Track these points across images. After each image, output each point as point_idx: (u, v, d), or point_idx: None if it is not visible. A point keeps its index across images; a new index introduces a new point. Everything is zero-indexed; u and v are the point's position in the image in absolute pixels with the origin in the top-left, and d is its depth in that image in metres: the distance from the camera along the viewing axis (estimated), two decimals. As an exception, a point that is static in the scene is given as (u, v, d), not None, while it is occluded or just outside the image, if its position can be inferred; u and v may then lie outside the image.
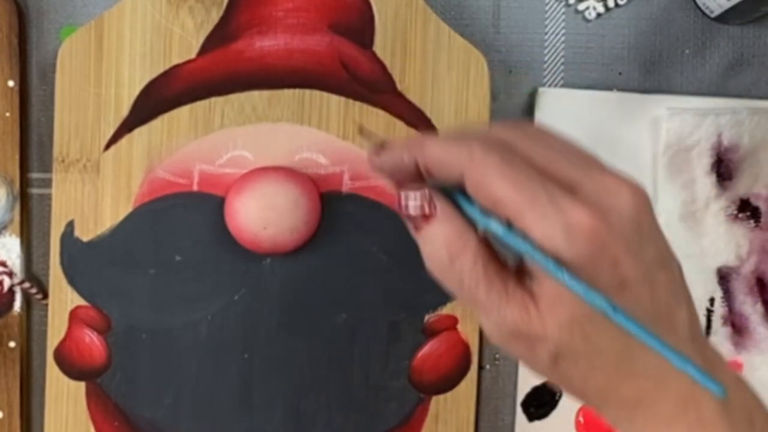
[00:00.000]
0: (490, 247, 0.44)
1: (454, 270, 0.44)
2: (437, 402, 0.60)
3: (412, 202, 0.44)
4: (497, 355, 0.61)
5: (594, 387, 0.45)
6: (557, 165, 0.43)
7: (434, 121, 0.59)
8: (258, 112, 0.59)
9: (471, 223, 0.44)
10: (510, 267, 0.44)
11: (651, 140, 0.61)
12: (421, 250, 0.45)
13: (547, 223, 0.41)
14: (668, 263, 0.43)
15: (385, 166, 0.45)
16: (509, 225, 0.42)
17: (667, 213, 0.60)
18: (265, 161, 0.59)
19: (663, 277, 0.43)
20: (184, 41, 0.59)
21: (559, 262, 0.41)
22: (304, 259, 0.59)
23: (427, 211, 0.44)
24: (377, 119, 0.59)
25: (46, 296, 0.60)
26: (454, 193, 0.44)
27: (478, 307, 0.45)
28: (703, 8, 0.60)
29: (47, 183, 0.60)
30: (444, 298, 0.60)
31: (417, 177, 0.45)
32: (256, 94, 0.59)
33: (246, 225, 0.57)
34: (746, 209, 0.62)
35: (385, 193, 0.58)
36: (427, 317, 0.60)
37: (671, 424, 0.45)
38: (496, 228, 0.42)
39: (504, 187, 0.42)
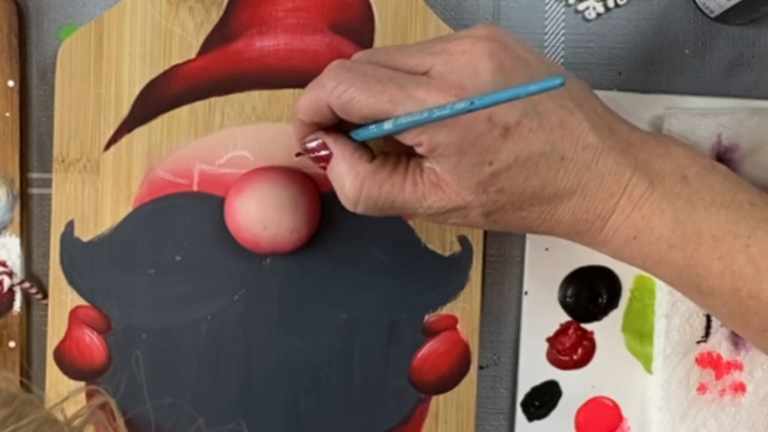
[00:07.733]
0: (386, 162, 0.48)
1: (365, 193, 0.48)
2: (437, 402, 0.60)
3: (310, 145, 0.50)
4: (497, 355, 0.61)
5: (532, 217, 0.48)
6: (408, 58, 0.47)
7: (434, 121, 0.59)
8: (258, 112, 0.59)
9: (368, 149, 0.49)
10: (406, 167, 0.48)
11: (651, 140, 0.61)
12: (336, 189, 0.50)
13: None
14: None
15: (307, 142, 0.51)
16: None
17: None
18: (265, 161, 0.59)
19: (545, 99, 0.46)
20: (184, 41, 0.59)
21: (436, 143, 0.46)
22: (304, 259, 0.59)
23: (325, 152, 0.50)
24: (377, 119, 0.59)
25: (46, 296, 0.60)
26: (349, 132, 0.49)
27: (405, 211, 0.49)
28: (703, 8, 0.60)
29: (47, 183, 0.60)
30: (444, 298, 0.60)
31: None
32: (256, 94, 0.59)
33: (246, 225, 0.57)
34: (746, 209, 0.61)
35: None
36: (426, 317, 0.60)
37: (608, 210, 0.48)
38: (387, 126, 0.46)
39: (363, 101, 0.46)
